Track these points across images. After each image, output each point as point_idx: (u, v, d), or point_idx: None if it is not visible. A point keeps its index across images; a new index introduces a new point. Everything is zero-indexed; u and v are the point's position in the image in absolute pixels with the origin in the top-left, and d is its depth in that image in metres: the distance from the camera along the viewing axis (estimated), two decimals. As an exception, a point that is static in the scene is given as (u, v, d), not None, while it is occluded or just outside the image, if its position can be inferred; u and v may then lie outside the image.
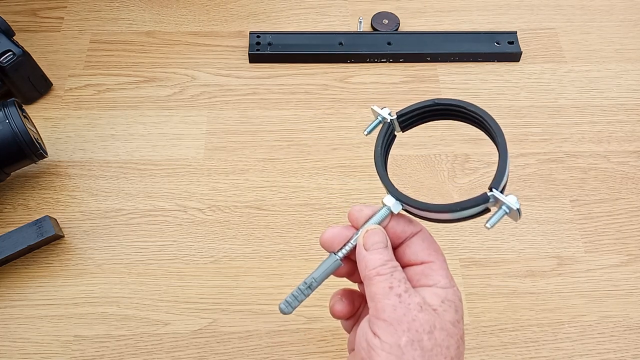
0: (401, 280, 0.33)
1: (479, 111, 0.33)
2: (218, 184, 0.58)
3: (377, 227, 0.35)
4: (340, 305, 0.37)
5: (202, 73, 0.66)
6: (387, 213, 0.35)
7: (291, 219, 0.56)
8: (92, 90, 0.64)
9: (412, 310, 0.31)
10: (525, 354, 0.49)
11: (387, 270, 0.33)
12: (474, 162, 0.60)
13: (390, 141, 0.37)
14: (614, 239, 0.55)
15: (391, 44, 0.67)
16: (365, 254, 0.34)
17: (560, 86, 0.66)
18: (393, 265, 0.33)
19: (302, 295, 0.35)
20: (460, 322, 0.33)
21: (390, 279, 0.32)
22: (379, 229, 0.35)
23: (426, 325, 0.31)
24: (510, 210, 0.31)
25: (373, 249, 0.34)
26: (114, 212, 0.56)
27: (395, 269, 0.33)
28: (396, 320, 0.31)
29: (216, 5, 0.72)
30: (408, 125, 0.37)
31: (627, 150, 0.61)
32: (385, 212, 0.35)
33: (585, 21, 0.72)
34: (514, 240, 0.55)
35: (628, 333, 0.50)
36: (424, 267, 0.34)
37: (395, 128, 0.36)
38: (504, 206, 0.31)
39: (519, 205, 0.31)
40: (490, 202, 0.31)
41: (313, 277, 0.35)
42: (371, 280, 0.33)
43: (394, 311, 0.31)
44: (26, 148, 0.52)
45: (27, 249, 0.51)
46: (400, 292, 0.32)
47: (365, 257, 0.34)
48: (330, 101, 0.64)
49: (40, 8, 0.70)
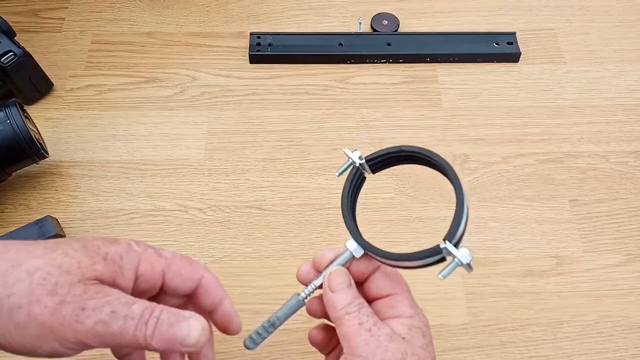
0: (369, 315, 0.34)
1: (441, 161, 0.34)
2: (219, 184, 0.58)
3: (340, 268, 0.36)
4: (317, 331, 0.39)
5: (202, 73, 0.66)
6: (349, 257, 0.36)
7: (291, 219, 0.56)
8: (93, 90, 0.64)
9: (383, 342, 0.33)
10: (525, 353, 0.49)
11: (355, 307, 0.34)
12: (474, 162, 0.60)
13: (359, 184, 0.38)
14: (613, 239, 0.56)
15: (391, 44, 0.67)
16: (331, 295, 0.35)
17: (559, 87, 0.66)
18: (359, 302, 0.35)
19: (265, 333, 0.37)
20: (430, 345, 0.35)
21: (359, 316, 0.34)
22: (342, 270, 0.36)
23: (398, 354, 0.33)
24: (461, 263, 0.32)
25: (338, 290, 0.35)
26: (115, 212, 0.56)
27: (362, 305, 0.35)
28: (370, 354, 0.33)
29: (217, 6, 0.72)
30: (377, 169, 0.38)
31: (626, 151, 0.61)
32: (347, 256, 0.36)
33: (584, 22, 0.72)
34: (513, 240, 0.55)
35: (627, 332, 0.51)
36: (389, 300, 0.36)
37: (366, 170, 0.38)
38: (456, 259, 0.32)
39: (469, 260, 0.32)
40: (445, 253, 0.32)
41: (277, 316, 0.37)
42: (341, 320, 0.34)
43: (367, 345, 0.33)
44: (27, 148, 0.53)
45: (28, 249, 0.51)
46: (370, 327, 0.34)
47: (331, 298, 0.35)
48: (331, 101, 0.64)
49: (42, 9, 0.71)
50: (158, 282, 0.34)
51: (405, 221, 0.56)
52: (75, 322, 0.29)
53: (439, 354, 0.49)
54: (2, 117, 0.52)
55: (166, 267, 0.34)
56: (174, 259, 0.35)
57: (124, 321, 0.30)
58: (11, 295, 0.29)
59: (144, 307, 0.31)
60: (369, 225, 0.56)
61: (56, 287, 0.29)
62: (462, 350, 0.49)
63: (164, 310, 0.31)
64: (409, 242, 0.55)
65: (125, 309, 0.30)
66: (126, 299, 0.31)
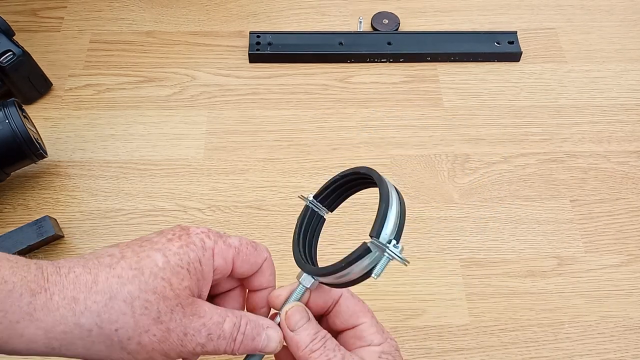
0: (335, 349, 0.34)
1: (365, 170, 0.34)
2: (218, 184, 0.58)
3: (295, 304, 0.35)
4: None
5: (202, 73, 0.66)
6: (303, 290, 0.36)
7: (291, 219, 0.56)
8: (92, 90, 0.64)
9: None
10: (526, 354, 0.49)
11: (319, 344, 0.34)
12: (474, 162, 0.60)
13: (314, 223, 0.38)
14: (614, 239, 0.55)
15: (391, 43, 0.67)
16: (292, 335, 0.35)
17: (561, 86, 0.66)
18: (322, 336, 0.34)
19: None
20: None
21: (325, 352, 0.33)
22: (297, 306, 0.35)
23: None
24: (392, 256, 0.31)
25: (297, 327, 0.35)
26: (113, 212, 0.56)
27: (326, 339, 0.34)
28: None
29: (216, 5, 0.72)
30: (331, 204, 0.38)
31: (628, 150, 0.61)
32: (301, 290, 0.36)
33: (586, 21, 0.72)
34: (514, 241, 0.55)
35: (628, 333, 0.50)
36: (355, 331, 0.36)
37: (321, 209, 0.38)
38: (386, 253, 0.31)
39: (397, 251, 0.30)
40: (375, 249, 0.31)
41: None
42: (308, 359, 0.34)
43: None
44: (26, 148, 0.52)
45: (27, 249, 0.51)
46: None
47: (293, 338, 0.34)
48: (330, 101, 0.64)
49: (40, 8, 0.70)
50: (229, 270, 0.35)
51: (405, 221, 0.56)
52: (180, 346, 0.32)
53: (439, 355, 0.49)
54: (1, 117, 0.52)
55: (235, 255, 0.35)
56: (241, 246, 0.36)
57: (217, 342, 0.33)
58: (118, 329, 0.31)
59: (233, 324, 0.34)
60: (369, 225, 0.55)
61: (159, 314, 0.31)
62: (463, 351, 0.49)
63: (248, 324, 0.34)
64: (409, 242, 0.54)
65: (218, 330, 0.33)
66: (217, 317, 0.33)
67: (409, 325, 0.50)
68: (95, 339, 0.31)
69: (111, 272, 0.32)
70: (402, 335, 0.50)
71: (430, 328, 0.50)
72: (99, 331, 0.31)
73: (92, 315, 0.30)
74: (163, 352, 0.32)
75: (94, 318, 0.30)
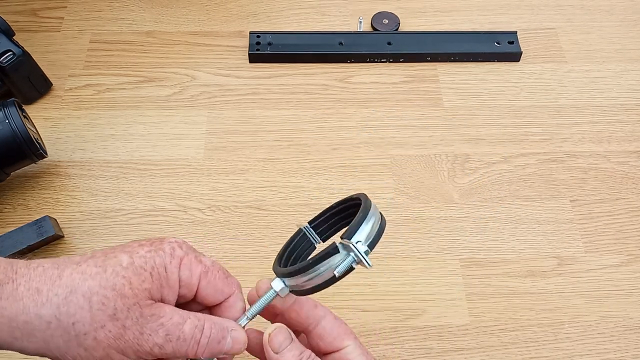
0: None
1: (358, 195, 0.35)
2: (218, 184, 0.58)
3: (277, 325, 0.35)
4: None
5: (202, 73, 0.66)
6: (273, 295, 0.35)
7: (291, 219, 0.56)
8: (92, 90, 0.64)
9: None
10: (526, 354, 0.49)
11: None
12: (474, 162, 0.60)
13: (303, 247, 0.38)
14: (614, 239, 0.55)
15: (391, 43, 0.67)
16: (277, 358, 0.34)
17: (561, 86, 0.66)
18: (307, 356, 0.34)
19: None
20: None
21: None
22: (279, 327, 0.35)
23: None
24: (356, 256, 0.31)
25: (282, 350, 0.34)
26: (113, 212, 0.56)
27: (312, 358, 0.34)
28: None
29: (216, 5, 0.72)
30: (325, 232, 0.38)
31: (628, 150, 0.61)
32: (271, 294, 0.35)
33: (586, 21, 0.72)
34: (514, 241, 0.55)
35: (628, 333, 0.50)
36: (340, 354, 0.35)
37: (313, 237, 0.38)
38: (352, 254, 0.31)
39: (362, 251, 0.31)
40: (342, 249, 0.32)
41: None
42: None
43: None
44: (26, 148, 0.52)
45: (27, 249, 0.51)
46: None
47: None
48: (330, 101, 0.64)
49: (40, 8, 0.70)
50: (194, 287, 0.35)
51: (405, 221, 0.56)
52: (136, 345, 0.32)
53: (439, 355, 0.49)
54: (1, 117, 0.52)
55: (203, 273, 0.35)
56: (212, 267, 0.35)
57: (176, 343, 0.33)
58: (75, 323, 0.31)
59: (194, 325, 0.33)
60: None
61: (116, 311, 0.31)
62: (463, 352, 0.49)
63: (212, 327, 0.34)
64: (409, 242, 0.54)
65: (177, 331, 0.33)
66: (177, 318, 0.33)
67: (409, 325, 0.50)
68: (54, 332, 0.31)
69: (77, 268, 0.32)
70: (402, 335, 0.50)
71: (430, 328, 0.50)
72: (58, 324, 0.31)
73: (52, 307, 0.31)
74: (119, 350, 0.32)
75: (53, 310, 0.31)
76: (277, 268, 0.36)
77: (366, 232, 0.32)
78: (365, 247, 0.31)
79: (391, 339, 0.49)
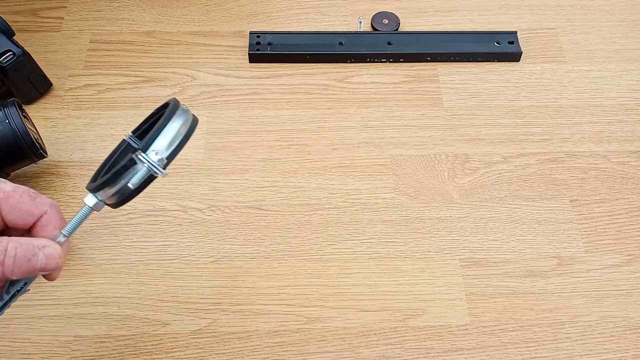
0: None
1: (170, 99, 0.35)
2: (218, 184, 0.58)
3: None
4: None
5: (202, 73, 0.66)
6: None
7: (291, 219, 0.56)
8: (92, 90, 0.64)
9: None
10: (526, 354, 0.49)
11: None
12: (474, 162, 0.60)
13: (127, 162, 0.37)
14: (614, 239, 0.55)
15: (391, 43, 0.67)
16: None
17: (561, 86, 0.66)
18: None
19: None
20: None
21: None
22: None
23: None
24: (152, 166, 0.32)
25: None
26: (113, 213, 0.55)
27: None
28: None
29: (216, 5, 0.72)
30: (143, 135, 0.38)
31: (628, 150, 0.61)
32: (86, 209, 0.36)
33: (586, 21, 0.72)
34: (514, 241, 0.55)
35: (628, 333, 0.50)
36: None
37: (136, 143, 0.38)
38: (146, 164, 0.32)
39: (155, 160, 0.31)
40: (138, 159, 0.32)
41: None
42: None
43: None
44: (26, 148, 0.52)
45: (27, 249, 0.51)
46: None
47: None
48: (330, 101, 0.64)
49: (40, 8, 0.70)
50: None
51: (405, 221, 0.56)
52: None
53: (439, 355, 0.49)
54: (1, 117, 0.52)
55: (3, 200, 0.35)
56: (14, 192, 0.35)
57: None
58: None
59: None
60: (369, 226, 0.55)
61: None
62: (463, 352, 0.49)
63: (17, 247, 0.33)
64: (409, 242, 0.54)
65: None
66: None
67: (409, 325, 0.50)
68: None
69: None
70: (402, 335, 0.50)
71: (430, 328, 0.50)
72: None
73: None
74: None
75: None
76: (88, 184, 0.36)
77: (167, 139, 0.32)
78: (159, 156, 0.32)
79: (391, 339, 0.50)
